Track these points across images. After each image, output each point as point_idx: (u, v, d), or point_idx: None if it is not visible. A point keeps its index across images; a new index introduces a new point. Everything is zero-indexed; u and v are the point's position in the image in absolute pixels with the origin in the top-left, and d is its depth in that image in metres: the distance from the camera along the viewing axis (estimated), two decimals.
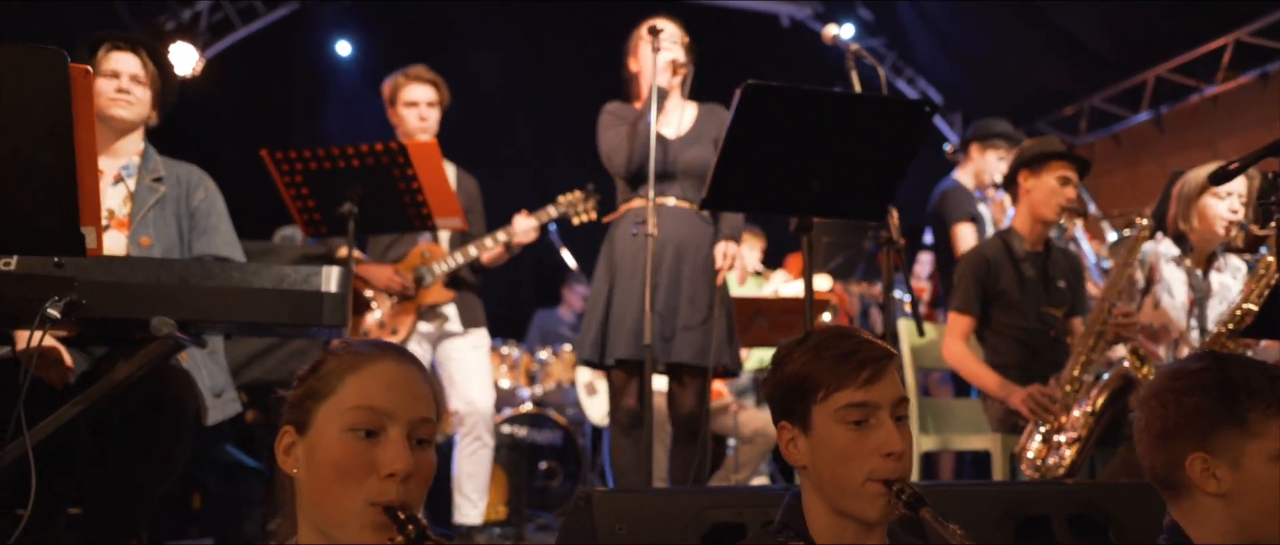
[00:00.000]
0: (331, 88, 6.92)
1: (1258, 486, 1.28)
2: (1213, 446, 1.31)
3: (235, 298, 1.82)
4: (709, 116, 3.02)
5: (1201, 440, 1.31)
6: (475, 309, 3.37)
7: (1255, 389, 1.30)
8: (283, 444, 1.14)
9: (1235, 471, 1.29)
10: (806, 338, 1.34)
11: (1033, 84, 7.19)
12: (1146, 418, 1.38)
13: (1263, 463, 1.28)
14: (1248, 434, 1.29)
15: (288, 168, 2.84)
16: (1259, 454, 1.28)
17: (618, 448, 2.86)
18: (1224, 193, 3.10)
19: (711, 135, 2.98)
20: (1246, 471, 1.29)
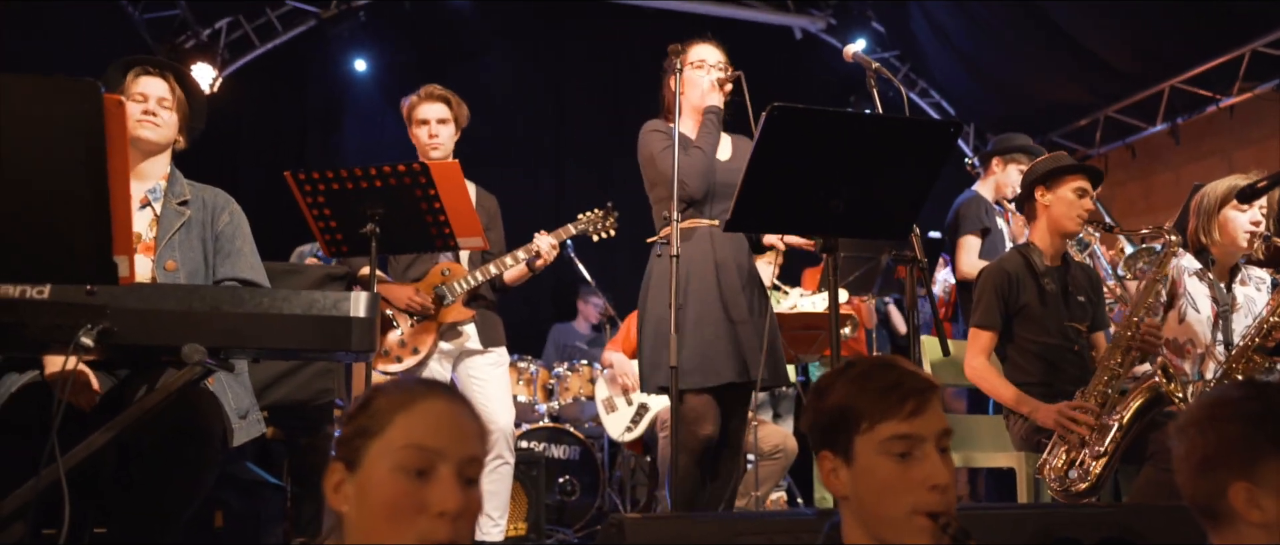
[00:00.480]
0: (348, 104, 6.96)
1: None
2: (1257, 476, 1.29)
3: (265, 324, 1.83)
4: (741, 145, 3.05)
5: (1245, 469, 1.30)
6: (495, 327, 3.38)
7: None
8: (332, 481, 1.15)
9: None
10: (849, 367, 1.34)
11: (1046, 96, 7.18)
12: (1187, 446, 1.37)
13: None
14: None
15: (310, 188, 2.85)
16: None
17: (689, 478, 2.74)
18: (1242, 205, 3.09)
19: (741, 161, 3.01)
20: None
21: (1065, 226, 3.06)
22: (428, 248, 3.08)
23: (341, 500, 1.14)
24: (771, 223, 2.53)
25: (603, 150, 7.13)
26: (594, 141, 7.26)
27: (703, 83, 2.93)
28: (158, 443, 2.06)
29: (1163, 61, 6.46)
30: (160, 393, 1.89)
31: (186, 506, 2.15)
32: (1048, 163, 3.13)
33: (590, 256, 5.21)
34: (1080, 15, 6.15)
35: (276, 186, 2.93)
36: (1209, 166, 6.50)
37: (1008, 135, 4.32)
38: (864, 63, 2.83)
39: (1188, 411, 1.40)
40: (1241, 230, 3.10)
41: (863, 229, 2.43)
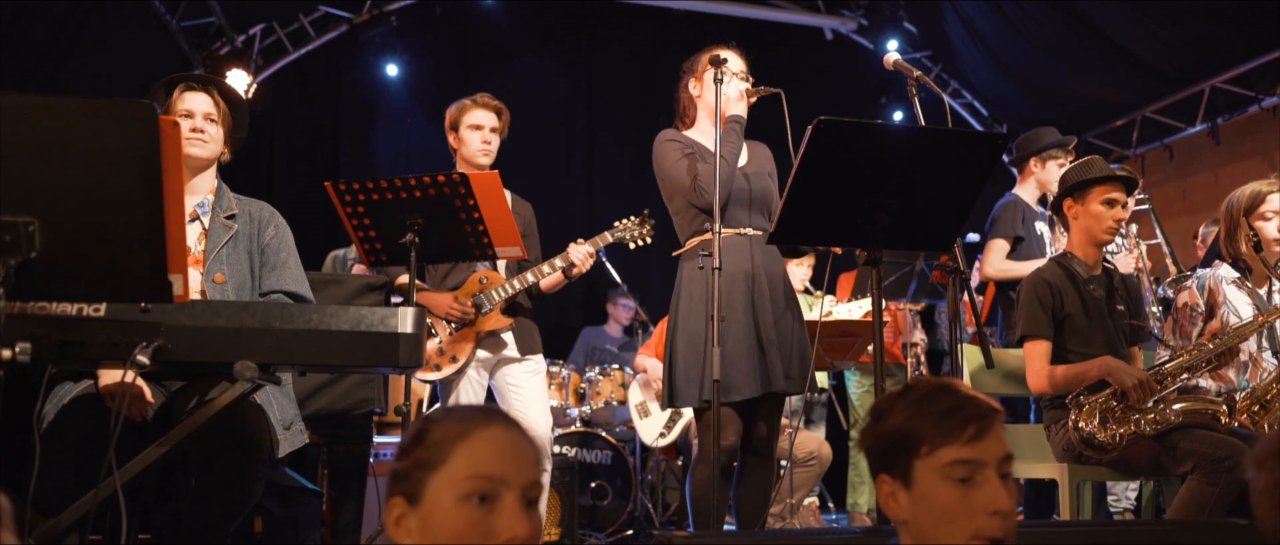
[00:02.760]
0: (380, 109, 7.01)
1: None
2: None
3: (314, 340, 1.85)
4: (759, 150, 3.04)
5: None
6: (532, 335, 3.38)
7: None
8: (393, 515, 1.15)
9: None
10: (909, 390, 1.33)
11: (1082, 96, 7.08)
12: (1269, 479, 1.32)
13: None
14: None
15: (350, 199, 2.87)
16: None
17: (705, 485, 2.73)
18: (1271, 213, 3.05)
19: (768, 168, 3.00)
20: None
21: (1098, 238, 3.02)
22: (466, 257, 3.09)
23: (404, 534, 1.14)
24: (816, 235, 2.51)
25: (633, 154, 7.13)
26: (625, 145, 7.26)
27: (727, 90, 2.90)
28: (208, 454, 2.09)
29: (1203, 61, 6.35)
30: (212, 407, 1.91)
31: (236, 516, 2.18)
32: (1077, 173, 3.09)
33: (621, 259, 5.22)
34: (1117, 14, 6.06)
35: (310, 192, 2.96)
36: (1249, 167, 6.39)
37: (1034, 133, 4.25)
38: (905, 70, 2.79)
39: (1265, 444, 1.35)
40: (1269, 239, 3.05)
41: (907, 240, 2.41)
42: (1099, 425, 2.81)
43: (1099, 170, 3.06)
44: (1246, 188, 3.13)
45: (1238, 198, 3.14)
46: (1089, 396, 2.85)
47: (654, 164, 3.00)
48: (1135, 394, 2.76)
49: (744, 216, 2.89)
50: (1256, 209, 3.09)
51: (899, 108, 7.63)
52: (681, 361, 2.83)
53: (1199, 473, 2.68)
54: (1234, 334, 2.90)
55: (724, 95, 2.87)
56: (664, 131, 3.02)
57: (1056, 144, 4.20)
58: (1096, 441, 2.80)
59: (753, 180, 2.91)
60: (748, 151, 3.01)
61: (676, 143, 2.94)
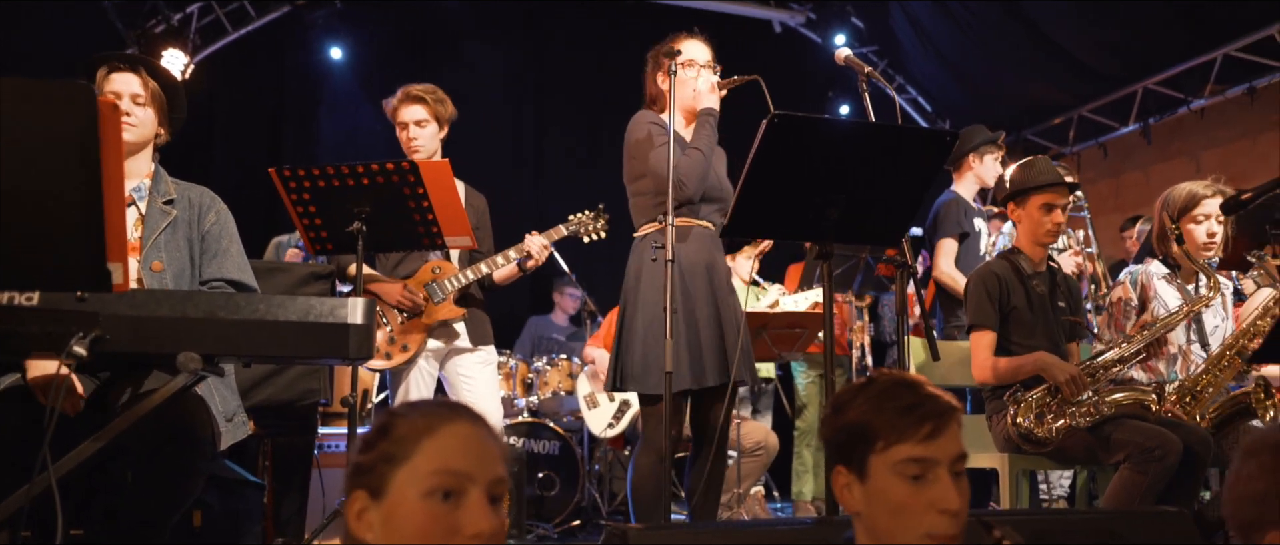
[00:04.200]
0: (325, 94, 6.84)
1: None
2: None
3: (262, 331, 1.80)
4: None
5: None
6: (484, 325, 3.35)
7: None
8: (354, 509, 1.13)
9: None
10: (870, 384, 1.34)
11: (1022, 95, 7.26)
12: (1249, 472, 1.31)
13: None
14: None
15: (295, 185, 2.81)
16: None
17: (651, 475, 2.76)
18: (1202, 216, 3.17)
19: (722, 166, 3.01)
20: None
21: (1039, 239, 3.14)
22: (415, 246, 3.04)
23: (365, 528, 1.12)
24: (768, 228, 2.53)
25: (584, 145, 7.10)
26: (575, 136, 7.22)
27: (697, 83, 2.90)
28: (146, 448, 2.02)
29: (1137, 63, 6.55)
30: (152, 400, 1.85)
31: (175, 512, 2.12)
32: (1019, 181, 3.17)
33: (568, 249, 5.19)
34: (1059, 16, 6.23)
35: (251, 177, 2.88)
36: (1177, 166, 6.62)
37: (968, 131, 4.35)
38: (856, 66, 2.83)
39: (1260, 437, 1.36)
40: (1199, 241, 3.17)
41: (858, 235, 2.44)
42: (1036, 421, 2.90)
43: (1042, 174, 3.14)
44: (1182, 187, 3.23)
45: (1173, 198, 3.23)
46: (1026, 393, 2.93)
47: (628, 141, 2.94)
48: (1068, 389, 2.85)
49: (710, 210, 2.91)
50: (1190, 211, 3.19)
51: (846, 102, 7.72)
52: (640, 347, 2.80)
53: (1130, 463, 2.78)
54: (1161, 325, 3.01)
55: (692, 88, 2.86)
56: (644, 112, 2.97)
57: (990, 139, 4.32)
58: (1034, 437, 2.89)
59: (718, 177, 2.93)
60: None
61: (658, 125, 2.89)
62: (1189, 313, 3.07)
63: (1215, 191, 3.19)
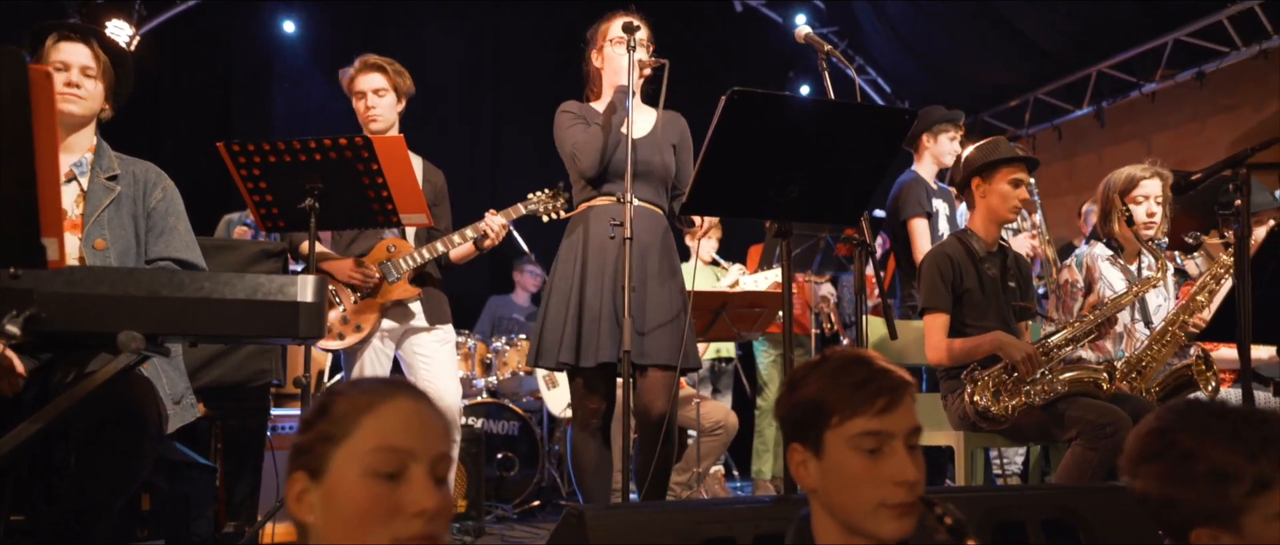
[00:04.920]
0: (276, 68, 6.68)
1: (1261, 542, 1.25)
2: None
3: (207, 310, 1.74)
4: (670, 121, 3.02)
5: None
6: (441, 304, 3.30)
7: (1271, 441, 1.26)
8: (294, 491, 1.10)
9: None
10: (823, 361, 1.34)
11: (980, 77, 7.33)
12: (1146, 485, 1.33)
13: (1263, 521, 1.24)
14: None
15: (244, 160, 2.73)
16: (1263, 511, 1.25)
17: (585, 448, 2.82)
18: (1141, 197, 3.23)
19: (672, 139, 2.98)
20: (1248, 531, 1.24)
21: (1002, 216, 3.16)
22: (370, 224, 2.99)
23: (306, 510, 1.09)
24: (728, 206, 2.51)
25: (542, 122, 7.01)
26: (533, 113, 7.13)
27: (619, 61, 2.89)
28: (89, 430, 1.96)
29: (1091, 46, 6.65)
30: (92, 380, 1.79)
31: (120, 495, 2.06)
32: (984, 154, 3.20)
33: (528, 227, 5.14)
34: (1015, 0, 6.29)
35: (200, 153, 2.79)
36: (1129, 149, 6.74)
37: (925, 111, 4.37)
38: (816, 44, 2.81)
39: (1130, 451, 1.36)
40: (1139, 221, 3.23)
41: (817, 213, 2.43)
42: (992, 399, 2.94)
43: (1006, 151, 3.18)
44: (1122, 171, 3.30)
45: (1114, 180, 3.31)
46: (982, 372, 2.97)
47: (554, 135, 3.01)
48: (1024, 367, 2.89)
49: (634, 188, 2.88)
50: (1130, 192, 3.26)
51: (806, 82, 7.73)
52: (546, 322, 2.85)
53: (1082, 439, 2.83)
54: (1112, 305, 3.07)
55: (618, 64, 2.85)
56: (565, 103, 3.01)
57: (946, 118, 4.33)
58: (991, 414, 2.93)
59: (641, 151, 2.88)
60: (654, 121, 2.99)
61: (568, 113, 2.96)
62: (1139, 292, 3.13)
63: (1153, 173, 3.27)
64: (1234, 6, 5.82)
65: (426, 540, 1.06)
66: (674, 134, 3.00)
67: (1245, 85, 6.18)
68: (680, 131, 3.03)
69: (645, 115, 2.98)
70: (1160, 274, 3.16)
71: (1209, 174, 2.43)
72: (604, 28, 2.97)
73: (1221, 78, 6.25)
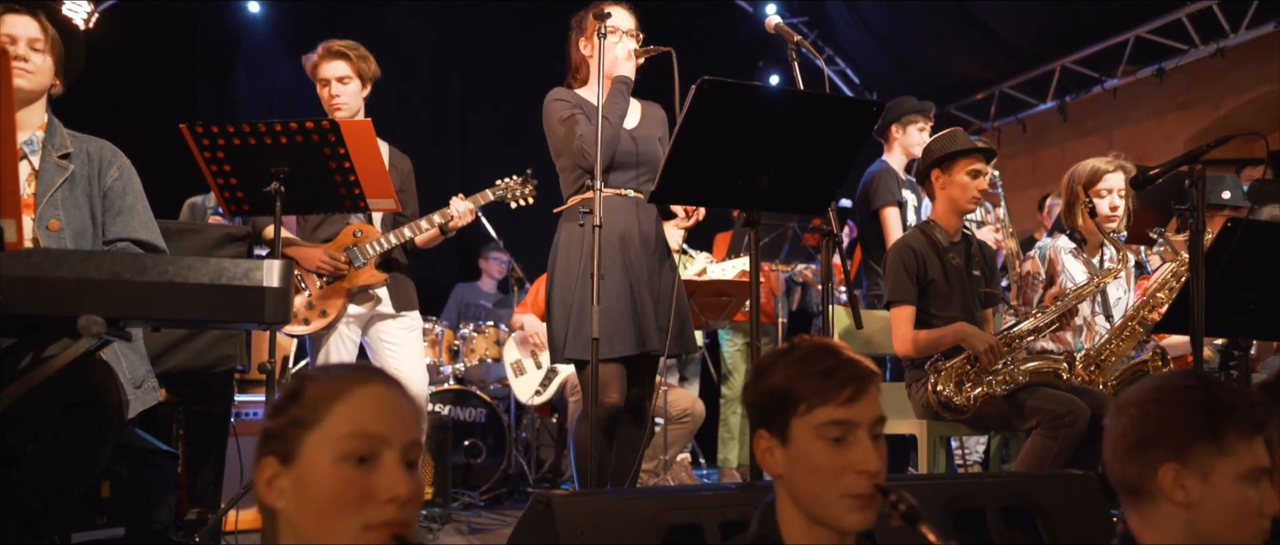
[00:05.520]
0: (241, 49, 6.57)
1: (1223, 502, 1.35)
2: (1188, 460, 1.37)
3: (170, 294, 1.72)
4: (651, 112, 3.03)
5: (1178, 453, 1.37)
6: (408, 291, 3.28)
7: (1235, 410, 1.36)
8: (264, 476, 1.10)
9: (1204, 484, 1.36)
10: (791, 350, 1.36)
11: (947, 69, 7.40)
12: (1126, 424, 1.42)
13: (1231, 481, 1.35)
14: (1222, 451, 1.35)
15: (209, 143, 2.69)
16: (1229, 472, 1.35)
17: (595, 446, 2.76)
18: (1104, 190, 3.29)
19: (657, 131, 2.99)
20: (1214, 486, 1.36)
21: (962, 206, 3.21)
22: (336, 209, 2.96)
23: (276, 495, 1.09)
24: (697, 195, 2.52)
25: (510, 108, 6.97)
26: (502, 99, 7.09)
27: (616, 50, 2.88)
28: (48, 416, 1.93)
29: (1056, 41, 6.74)
30: (52, 365, 1.76)
31: (80, 482, 2.03)
32: (943, 146, 3.24)
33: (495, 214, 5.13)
34: None
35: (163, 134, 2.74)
36: (1091, 143, 6.86)
37: (894, 102, 4.41)
38: (786, 35, 2.83)
39: (1128, 394, 1.45)
40: (1102, 214, 3.29)
41: (785, 203, 2.45)
42: (955, 389, 2.99)
43: (963, 142, 3.22)
44: (1086, 163, 3.35)
45: (1078, 173, 3.36)
46: (946, 362, 3.02)
47: (544, 122, 2.95)
48: (986, 358, 2.94)
49: (627, 178, 2.88)
50: (1094, 185, 3.31)
51: (775, 72, 7.76)
52: (558, 317, 2.83)
53: (1042, 428, 2.89)
54: (1073, 296, 3.13)
55: (612, 55, 2.83)
56: (554, 90, 2.98)
57: (915, 109, 4.38)
58: (953, 404, 2.98)
59: (639, 142, 2.90)
60: (640, 112, 2.99)
61: (563, 101, 2.90)
62: (1099, 284, 3.19)
63: (1117, 166, 3.32)
64: (1193, 5, 5.93)
65: (397, 526, 1.06)
66: (656, 125, 3.02)
67: (1203, 83, 6.30)
68: (661, 122, 3.04)
69: (633, 105, 2.98)
70: (1120, 267, 3.22)
71: (1167, 170, 2.48)
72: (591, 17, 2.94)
73: (1180, 75, 6.37)
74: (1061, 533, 2.07)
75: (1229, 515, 1.35)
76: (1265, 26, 5.73)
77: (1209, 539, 1.37)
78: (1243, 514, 1.35)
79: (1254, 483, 1.36)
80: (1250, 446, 1.36)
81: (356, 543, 1.05)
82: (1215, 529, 1.36)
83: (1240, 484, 1.35)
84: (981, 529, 2.04)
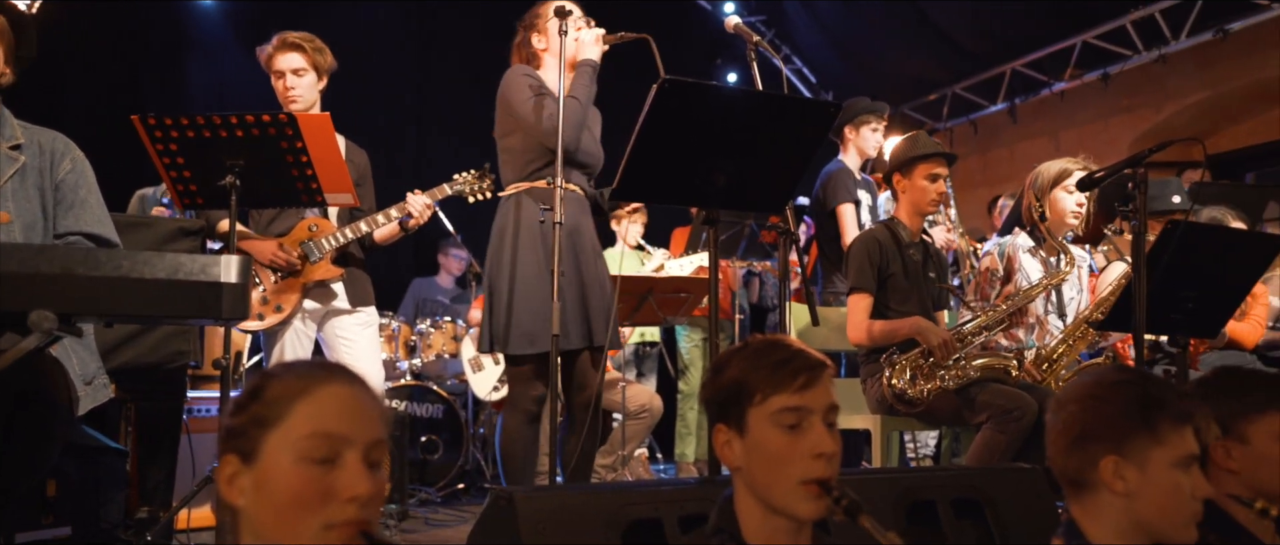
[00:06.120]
0: (193, 39, 6.43)
1: (1159, 489, 1.43)
2: (1125, 451, 1.44)
3: (125, 289, 1.70)
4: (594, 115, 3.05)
5: (1116, 445, 1.44)
6: (364, 286, 3.26)
7: (1166, 403, 1.44)
8: (225, 474, 1.09)
9: (1141, 474, 1.43)
10: (745, 346, 1.40)
11: (902, 70, 7.52)
12: (1065, 420, 1.49)
13: (1165, 468, 1.43)
14: (1157, 441, 1.43)
15: (161, 135, 2.64)
16: (1163, 460, 1.43)
17: (520, 437, 2.82)
18: (1071, 188, 3.38)
19: (597, 131, 3.01)
20: (1150, 475, 1.43)
21: (922, 208, 3.30)
22: (293, 203, 2.92)
23: (237, 494, 1.09)
24: (656, 193, 2.54)
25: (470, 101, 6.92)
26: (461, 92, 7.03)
27: (582, 36, 2.87)
28: None
29: (1006, 44, 6.88)
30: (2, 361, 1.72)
31: (27, 482, 2.00)
32: (904, 152, 3.32)
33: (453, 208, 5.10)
34: None
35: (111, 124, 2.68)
36: (1039, 145, 7.02)
37: (849, 102, 4.48)
38: (745, 34, 2.86)
39: (1067, 389, 1.52)
40: (1068, 211, 3.38)
41: (743, 201, 2.48)
42: (909, 382, 3.05)
43: (924, 147, 3.30)
44: (1054, 163, 3.42)
45: (1045, 173, 3.42)
46: (900, 356, 3.08)
47: (500, 97, 2.92)
48: (940, 352, 3.02)
49: (581, 177, 2.90)
50: (1062, 182, 3.38)
51: (733, 70, 7.81)
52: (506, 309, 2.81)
53: (992, 423, 2.97)
54: (1023, 295, 3.21)
55: (578, 40, 2.84)
56: (518, 66, 2.95)
57: (869, 109, 4.45)
58: (907, 397, 3.04)
59: (584, 139, 2.92)
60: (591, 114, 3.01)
61: (530, 78, 2.88)
62: (1048, 285, 3.28)
63: (1082, 167, 3.40)
64: (1137, 12, 6.10)
65: (359, 525, 1.06)
66: (597, 124, 3.04)
67: (1146, 87, 6.49)
68: (597, 119, 3.06)
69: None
70: (1068, 268, 3.32)
71: (1111, 172, 2.56)
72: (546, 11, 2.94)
73: (1125, 79, 6.55)
74: (1009, 524, 2.13)
75: (1165, 501, 1.43)
76: (1204, 35, 5.92)
77: (1148, 525, 1.44)
78: (1178, 499, 1.43)
79: (1186, 469, 1.43)
80: (1182, 435, 1.43)
81: (317, 542, 1.05)
82: (1153, 515, 1.44)
83: (1174, 471, 1.42)
84: (933, 520, 2.10)
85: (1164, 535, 1.44)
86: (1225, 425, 1.70)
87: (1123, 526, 1.45)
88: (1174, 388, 1.48)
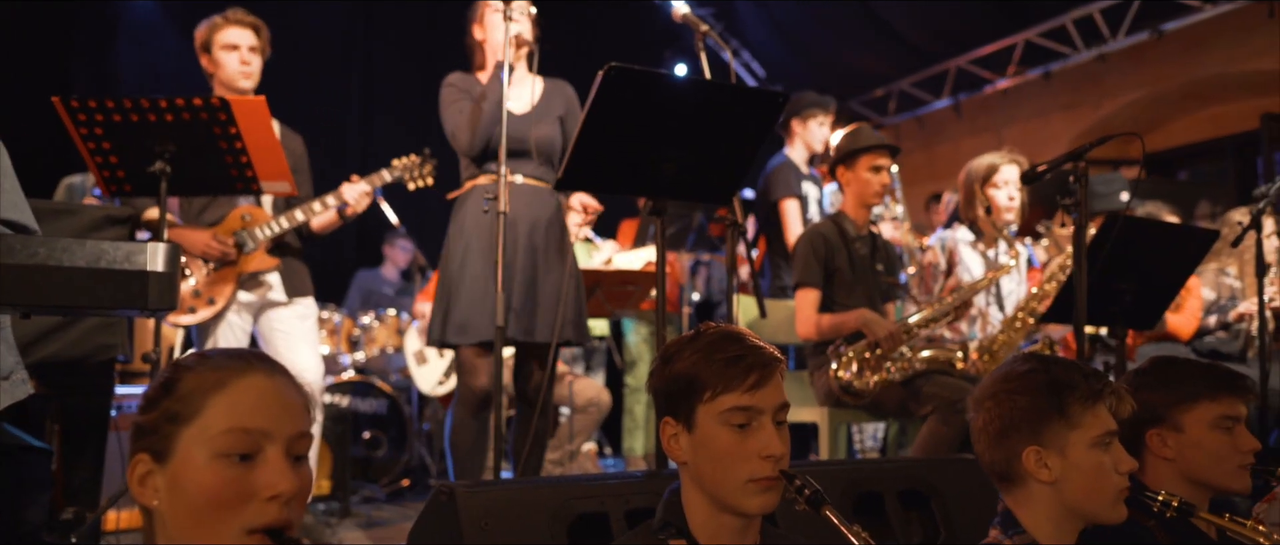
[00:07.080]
0: (123, 22, 6.20)
1: (1081, 471, 1.44)
2: (1044, 439, 1.45)
3: (41, 278, 1.61)
4: (556, 92, 2.99)
5: (1034, 435, 1.45)
6: (301, 276, 3.16)
7: (1074, 385, 1.45)
8: (136, 473, 1.02)
9: (1063, 459, 1.45)
10: (697, 337, 1.36)
11: (849, 64, 7.58)
12: (985, 418, 1.50)
13: (1084, 450, 1.45)
14: (1071, 425, 1.45)
15: (85, 119, 2.52)
16: (1081, 442, 1.45)
17: (464, 429, 2.79)
18: (1001, 182, 3.44)
19: (558, 111, 2.95)
20: (1071, 459, 1.45)
21: (867, 200, 3.31)
22: (227, 191, 2.82)
23: (150, 494, 1.02)
24: (603, 183, 2.50)
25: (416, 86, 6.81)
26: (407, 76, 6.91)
27: (499, 34, 2.85)
28: None
29: (952, 41, 6.98)
30: None
31: None
32: (847, 144, 3.33)
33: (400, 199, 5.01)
34: None
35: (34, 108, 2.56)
36: (983, 141, 7.14)
37: (797, 96, 4.50)
38: (693, 25, 2.83)
39: (982, 387, 1.54)
40: (999, 206, 3.44)
41: (691, 191, 2.46)
42: (856, 374, 3.06)
43: (866, 139, 3.31)
44: (983, 159, 3.49)
45: (975, 168, 3.49)
46: (847, 347, 3.09)
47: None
48: (886, 344, 3.03)
49: (517, 164, 2.87)
50: (990, 178, 3.45)
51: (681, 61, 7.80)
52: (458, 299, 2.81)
53: (937, 415, 2.99)
54: (969, 289, 3.25)
55: (494, 40, 2.83)
56: (450, 76, 2.96)
57: (816, 103, 4.47)
58: (853, 388, 3.05)
59: (521, 126, 2.86)
60: (540, 93, 2.95)
61: (453, 87, 2.92)
62: (994, 277, 3.32)
63: (1011, 160, 3.47)
64: (1076, 11, 6.23)
65: (281, 524, 1.00)
66: (560, 105, 2.98)
67: (1085, 85, 6.64)
68: (567, 101, 3.00)
69: (535, 86, 2.93)
70: (1013, 259, 3.37)
71: (1053, 167, 2.59)
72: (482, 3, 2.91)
73: (1065, 77, 6.69)
74: (955, 515, 2.15)
75: (1089, 483, 1.44)
76: (1141, 35, 6.07)
77: (1078, 506, 1.46)
78: (1101, 478, 1.44)
79: (1105, 447, 1.45)
80: (1095, 414, 1.45)
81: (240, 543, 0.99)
82: (1080, 496, 1.46)
83: (1094, 451, 1.44)
84: (881, 511, 2.10)
85: (1094, 515, 1.47)
86: (1160, 414, 1.73)
87: (1054, 513, 1.47)
88: (1079, 367, 1.49)
